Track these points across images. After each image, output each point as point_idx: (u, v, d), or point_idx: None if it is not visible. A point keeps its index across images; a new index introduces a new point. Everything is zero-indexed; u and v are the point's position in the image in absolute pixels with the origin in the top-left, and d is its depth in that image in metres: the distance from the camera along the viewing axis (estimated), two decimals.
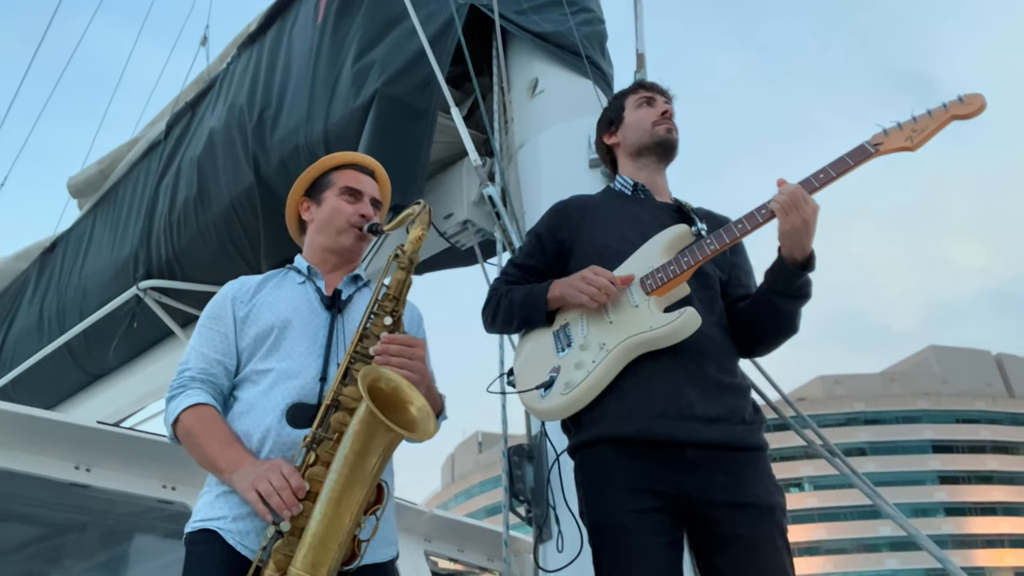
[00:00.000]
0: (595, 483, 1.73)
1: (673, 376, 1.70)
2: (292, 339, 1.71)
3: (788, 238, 1.69)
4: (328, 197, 1.91)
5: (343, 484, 1.46)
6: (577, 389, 1.72)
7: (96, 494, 2.52)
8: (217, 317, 1.78)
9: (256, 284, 1.84)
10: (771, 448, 1.80)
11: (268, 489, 1.46)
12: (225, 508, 1.59)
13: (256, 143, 3.80)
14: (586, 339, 1.77)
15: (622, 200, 2.01)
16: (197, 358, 1.73)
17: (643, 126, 2.03)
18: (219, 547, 1.55)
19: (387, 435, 1.47)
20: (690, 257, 1.75)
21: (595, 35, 3.34)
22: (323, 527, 1.44)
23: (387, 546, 1.68)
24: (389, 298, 1.70)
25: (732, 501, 1.63)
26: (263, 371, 1.69)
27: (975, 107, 1.62)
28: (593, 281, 1.75)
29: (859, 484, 2.40)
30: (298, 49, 3.96)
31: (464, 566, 3.98)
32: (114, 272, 4.88)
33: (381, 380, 1.55)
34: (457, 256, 3.87)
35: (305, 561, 1.42)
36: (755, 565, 1.60)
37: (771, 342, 1.86)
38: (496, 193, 2.93)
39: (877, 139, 1.69)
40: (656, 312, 1.73)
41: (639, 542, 1.60)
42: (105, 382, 5.49)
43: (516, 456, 2.52)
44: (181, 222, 4.31)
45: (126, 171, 5.40)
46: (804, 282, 1.75)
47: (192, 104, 4.88)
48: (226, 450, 1.58)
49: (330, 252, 1.88)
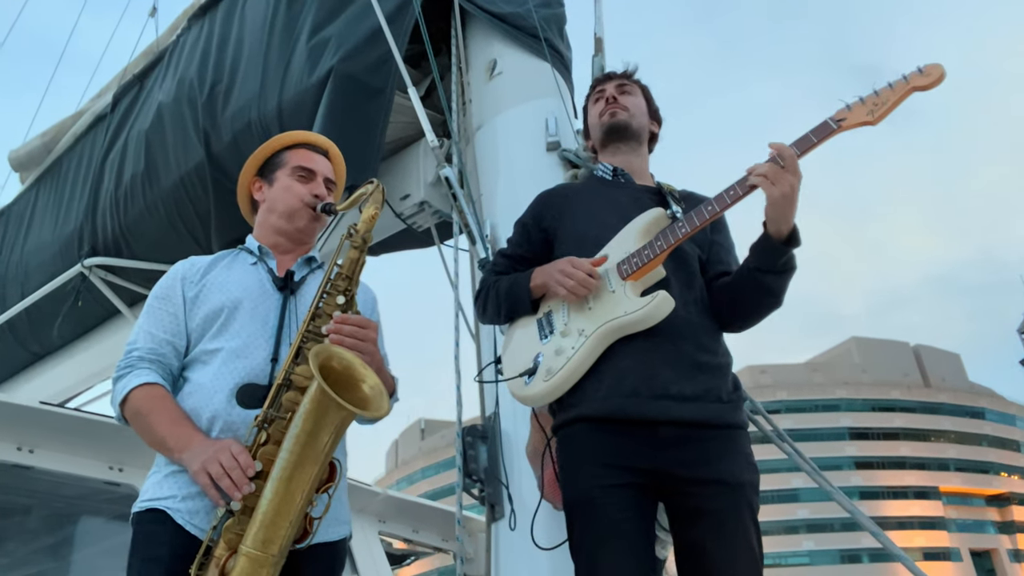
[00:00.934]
0: (571, 460, 1.77)
1: (648, 357, 1.73)
2: (242, 319, 1.70)
3: (773, 209, 1.70)
4: (280, 177, 1.88)
5: (294, 462, 1.45)
6: (558, 375, 1.76)
7: (40, 476, 2.47)
8: (166, 297, 1.76)
9: (206, 264, 1.82)
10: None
11: (218, 471, 1.45)
12: (174, 487, 1.57)
13: (207, 118, 3.71)
14: (567, 326, 1.81)
15: (604, 185, 2.05)
16: (145, 338, 1.70)
17: (594, 123, 2.12)
18: (168, 527, 1.53)
19: (339, 413, 1.47)
20: (663, 241, 1.78)
21: (554, 18, 3.34)
22: (274, 505, 1.44)
23: (339, 525, 1.68)
24: (342, 277, 1.69)
25: (703, 477, 1.67)
26: (212, 351, 1.67)
27: (934, 77, 1.63)
28: (571, 274, 1.78)
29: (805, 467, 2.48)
30: (251, 22, 3.87)
31: (418, 546, 4.00)
32: (58, 249, 4.74)
33: (333, 358, 1.55)
34: (413, 237, 3.85)
35: (256, 539, 1.42)
36: (724, 539, 1.65)
37: (755, 317, 1.88)
38: (453, 174, 2.92)
39: (840, 114, 1.68)
40: (632, 297, 1.76)
41: (607, 517, 1.64)
42: (49, 361, 5.35)
43: (470, 437, 2.54)
44: (128, 198, 4.20)
45: (70, 144, 5.23)
46: (789, 257, 1.77)
47: (140, 77, 4.73)
48: (175, 429, 1.56)
49: (282, 233, 1.86)
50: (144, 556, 1.54)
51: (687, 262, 1.89)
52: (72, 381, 5.22)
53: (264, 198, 1.91)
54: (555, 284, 1.80)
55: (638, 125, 2.07)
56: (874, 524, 2.36)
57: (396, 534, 3.81)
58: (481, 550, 2.62)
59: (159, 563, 1.51)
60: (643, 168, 2.09)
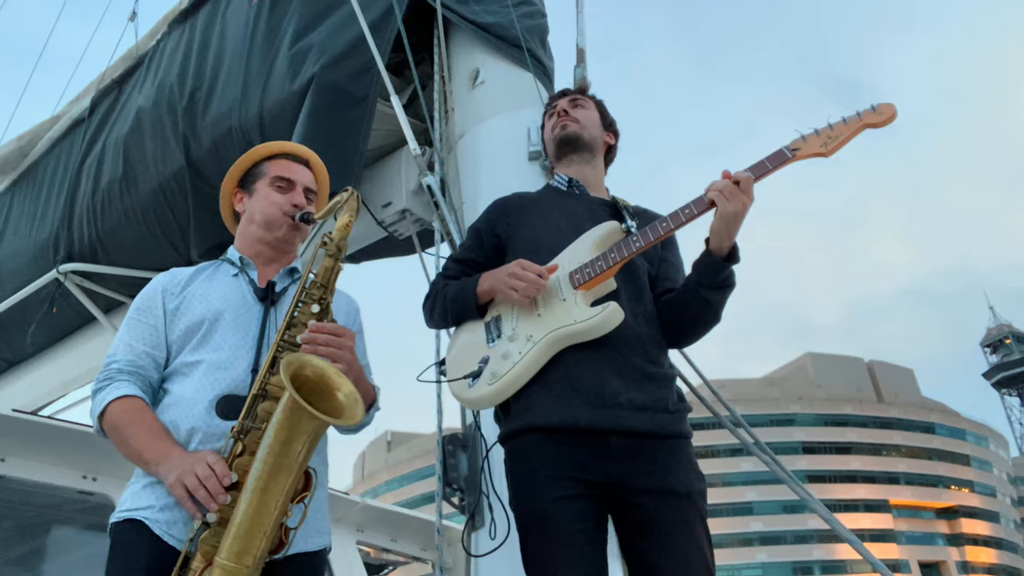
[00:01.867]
0: (522, 471, 1.76)
1: (599, 366, 1.74)
2: (223, 331, 1.69)
3: (722, 223, 1.74)
4: (260, 187, 1.88)
5: (268, 473, 1.45)
6: (503, 379, 1.76)
7: (12, 485, 2.43)
8: (147, 309, 1.75)
9: (188, 276, 1.82)
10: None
11: (194, 482, 1.45)
12: (152, 498, 1.56)
13: (187, 124, 3.68)
14: (515, 331, 1.81)
15: (559, 195, 2.07)
16: (125, 350, 1.70)
17: (548, 136, 2.15)
18: (145, 537, 1.52)
19: (312, 422, 1.46)
20: (616, 254, 1.80)
21: (536, 28, 3.36)
22: (248, 516, 1.43)
23: (318, 536, 1.67)
24: (317, 286, 1.68)
25: (653, 487, 1.68)
26: (193, 363, 1.67)
27: (886, 116, 1.70)
28: (521, 276, 1.79)
29: (785, 478, 2.51)
30: (232, 28, 3.85)
31: (397, 556, 3.98)
32: (32, 254, 4.67)
33: (306, 367, 1.54)
34: (395, 245, 3.85)
35: (231, 551, 1.41)
36: (674, 549, 1.65)
37: (697, 331, 1.92)
38: (435, 183, 2.92)
39: (796, 144, 1.75)
40: (582, 306, 1.77)
41: (562, 528, 1.64)
42: (22, 369, 5.27)
43: (451, 445, 2.53)
44: (105, 204, 4.15)
45: (47, 149, 5.16)
46: (729, 272, 1.81)
47: (119, 81, 4.69)
48: (153, 442, 1.56)
49: (264, 243, 1.86)
50: (122, 566, 1.53)
51: (637, 276, 1.91)
52: (46, 389, 5.14)
53: (244, 209, 1.91)
54: (504, 287, 1.81)
55: (589, 137, 2.09)
56: (851, 534, 2.39)
57: (374, 543, 3.79)
58: (460, 560, 2.61)
59: (137, 573, 1.49)
60: (598, 180, 2.11)
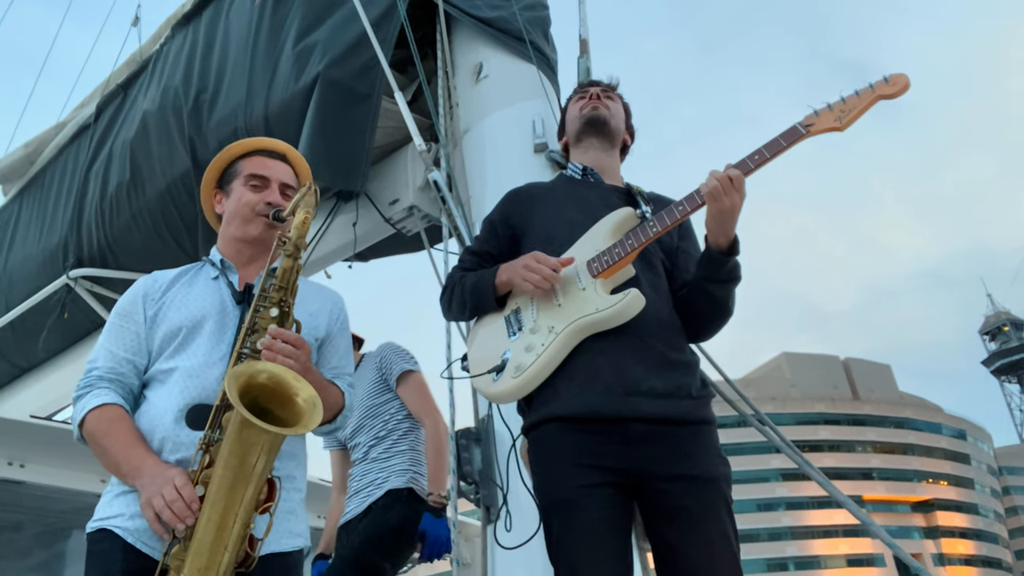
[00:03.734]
0: (544, 461, 1.77)
1: (619, 354, 1.74)
2: (200, 338, 1.67)
3: (714, 222, 1.74)
4: (236, 187, 1.86)
5: (226, 486, 1.43)
6: (527, 372, 1.75)
7: (32, 491, 2.45)
8: (127, 315, 1.73)
9: (168, 281, 1.79)
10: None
11: (160, 504, 1.44)
12: (122, 506, 1.56)
13: (192, 127, 3.69)
14: (536, 322, 1.80)
15: (573, 184, 2.07)
16: (106, 357, 1.68)
17: (574, 115, 2.15)
18: (118, 545, 1.52)
19: (264, 435, 1.43)
20: (634, 240, 1.79)
21: (538, 20, 3.35)
22: (208, 531, 1.42)
23: (292, 537, 1.66)
24: (276, 288, 1.64)
25: (676, 474, 1.68)
26: (168, 370, 1.66)
27: (900, 87, 1.68)
28: (536, 269, 1.78)
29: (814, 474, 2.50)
30: (236, 29, 3.85)
31: None
32: (42, 260, 4.69)
33: (261, 374, 1.51)
34: (403, 242, 3.84)
35: (193, 567, 1.40)
36: (699, 534, 1.65)
37: (711, 327, 1.91)
38: (441, 178, 2.92)
39: (808, 120, 1.73)
40: (602, 294, 1.77)
41: (585, 516, 1.64)
42: (35, 375, 5.29)
43: (464, 439, 2.53)
44: (113, 208, 4.17)
45: (54, 155, 5.18)
46: (732, 266, 1.80)
47: (124, 86, 4.70)
48: (127, 453, 1.55)
49: (242, 243, 1.83)
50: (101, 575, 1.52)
51: (656, 263, 1.91)
52: (59, 394, 5.16)
53: (224, 209, 1.88)
54: (520, 280, 1.80)
55: (615, 126, 2.11)
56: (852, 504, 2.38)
57: None
58: (478, 555, 2.61)
59: None
60: (614, 169, 2.11)
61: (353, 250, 3.52)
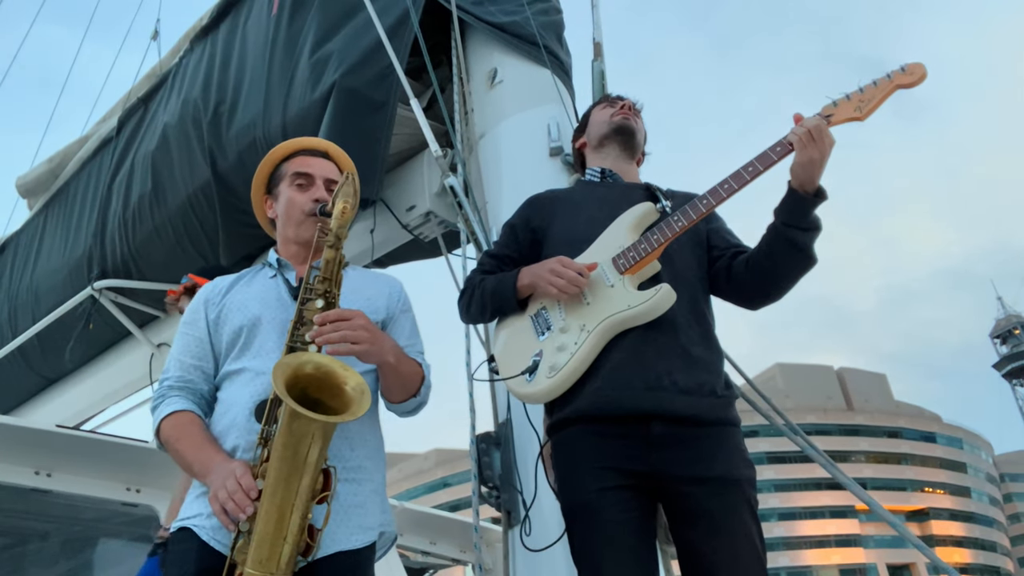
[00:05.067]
0: (566, 464, 1.76)
1: (643, 350, 1.73)
2: (263, 336, 1.72)
3: (803, 170, 1.69)
4: (283, 190, 1.90)
5: (281, 478, 1.45)
6: (563, 371, 1.75)
7: (58, 499, 2.47)
8: (192, 322, 1.80)
9: (228, 284, 1.85)
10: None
11: (224, 496, 1.48)
12: (201, 506, 1.61)
13: (212, 138, 3.73)
14: (565, 322, 1.80)
15: (591, 187, 2.08)
16: (176, 366, 1.76)
17: (603, 120, 2.15)
18: (195, 544, 1.57)
19: (312, 424, 1.44)
20: (659, 234, 1.78)
21: (552, 25, 3.35)
22: (267, 523, 1.44)
23: (361, 532, 1.66)
24: (320, 280, 1.66)
25: (698, 476, 1.66)
26: (237, 371, 1.71)
27: (917, 76, 1.68)
28: (562, 274, 1.78)
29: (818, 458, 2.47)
30: (253, 41, 3.89)
31: (436, 558, 3.99)
32: (67, 273, 4.76)
33: (307, 365, 1.53)
34: (421, 248, 3.86)
35: (254, 559, 1.43)
36: (723, 537, 1.63)
37: (790, 279, 1.84)
38: (458, 183, 2.92)
39: (827, 111, 1.73)
40: (631, 290, 1.76)
41: (607, 519, 1.63)
42: (61, 386, 5.37)
43: (483, 444, 2.53)
44: (136, 220, 4.22)
45: (77, 169, 5.27)
46: (817, 215, 1.76)
47: (144, 99, 4.77)
48: (199, 454, 1.60)
49: (296, 244, 1.88)
50: (176, 572, 1.58)
51: (678, 257, 1.89)
52: (85, 404, 5.24)
53: (276, 214, 1.93)
54: (545, 284, 1.80)
55: (639, 140, 2.14)
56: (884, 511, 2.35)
57: (413, 547, 3.80)
58: (500, 560, 2.61)
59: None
60: (632, 173, 2.12)
61: (371, 257, 3.54)
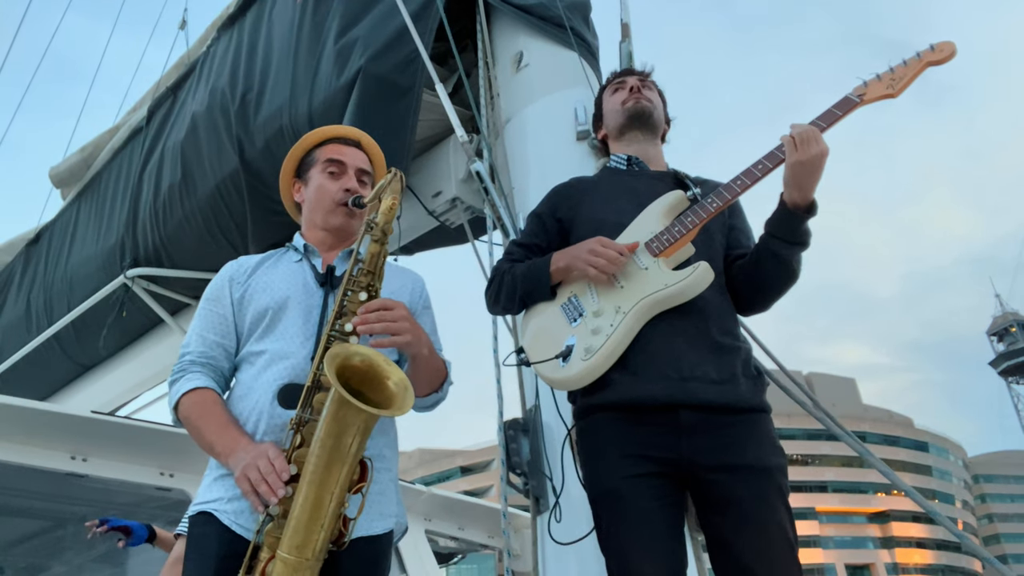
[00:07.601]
0: (593, 451, 1.75)
1: (672, 338, 1.71)
2: (287, 319, 1.71)
3: (795, 174, 1.68)
4: (313, 176, 1.90)
5: (322, 466, 1.45)
6: (599, 353, 1.73)
7: (94, 484, 2.52)
8: (216, 299, 1.79)
9: (254, 264, 1.85)
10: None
11: (256, 476, 1.47)
12: (221, 490, 1.60)
13: (240, 126, 3.75)
14: (599, 306, 1.78)
15: (617, 175, 2.05)
16: (197, 341, 1.74)
17: (615, 108, 2.12)
18: (216, 528, 1.57)
19: (360, 415, 1.45)
20: (694, 217, 1.77)
21: (579, 6, 3.31)
22: (305, 509, 1.45)
23: (382, 519, 1.68)
24: (364, 272, 1.67)
25: (727, 463, 1.64)
26: (258, 352, 1.70)
27: (947, 53, 1.69)
28: (601, 253, 1.75)
29: (861, 451, 2.43)
30: (279, 28, 3.90)
31: (465, 544, 4.01)
32: (101, 261, 4.84)
33: (354, 357, 1.53)
34: (447, 235, 3.85)
35: (291, 544, 1.43)
36: (753, 526, 1.60)
37: (773, 292, 1.85)
38: (484, 169, 2.90)
39: (859, 90, 1.74)
40: (667, 271, 1.75)
41: (635, 507, 1.62)
42: (96, 372, 5.47)
43: (512, 430, 2.52)
44: (167, 208, 4.27)
45: (109, 159, 5.33)
46: (805, 229, 1.75)
47: (173, 89, 4.81)
48: (222, 433, 1.59)
49: (323, 230, 1.88)
50: (197, 556, 1.58)
51: (709, 243, 1.87)
52: (119, 391, 5.34)
53: (304, 198, 1.93)
54: (583, 264, 1.77)
55: (658, 117, 2.10)
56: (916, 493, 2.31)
57: (442, 532, 3.82)
58: (528, 545, 2.61)
59: (211, 561, 1.54)
60: (658, 157, 2.09)
61: (398, 243, 3.55)
